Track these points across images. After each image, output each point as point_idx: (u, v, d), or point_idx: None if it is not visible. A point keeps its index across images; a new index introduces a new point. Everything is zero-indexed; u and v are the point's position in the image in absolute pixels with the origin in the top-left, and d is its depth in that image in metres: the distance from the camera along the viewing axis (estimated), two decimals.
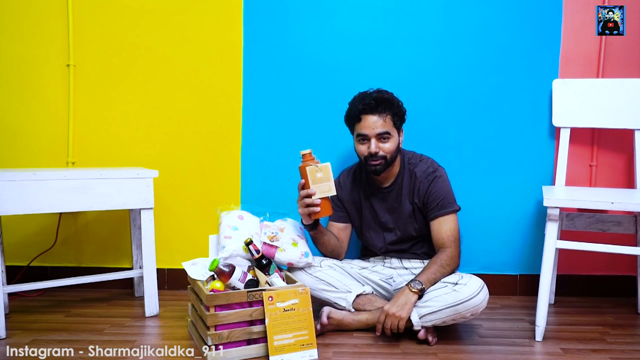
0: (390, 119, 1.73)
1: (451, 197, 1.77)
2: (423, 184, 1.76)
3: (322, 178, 1.66)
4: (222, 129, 2.16)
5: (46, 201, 1.70)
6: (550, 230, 1.63)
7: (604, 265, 2.15)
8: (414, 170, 1.80)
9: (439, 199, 1.74)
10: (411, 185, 1.80)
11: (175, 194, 2.17)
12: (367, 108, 1.71)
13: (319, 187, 1.66)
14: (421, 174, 1.78)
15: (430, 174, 1.76)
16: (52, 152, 2.15)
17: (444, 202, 1.74)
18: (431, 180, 1.76)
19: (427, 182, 1.76)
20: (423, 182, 1.77)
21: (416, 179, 1.78)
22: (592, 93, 1.99)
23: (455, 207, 1.76)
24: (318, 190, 1.66)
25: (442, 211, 1.74)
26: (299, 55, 2.12)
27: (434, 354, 1.56)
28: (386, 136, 1.72)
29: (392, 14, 2.09)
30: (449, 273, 1.67)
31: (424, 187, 1.76)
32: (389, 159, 1.74)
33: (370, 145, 1.71)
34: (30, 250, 2.15)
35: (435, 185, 1.75)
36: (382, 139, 1.72)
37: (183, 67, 2.14)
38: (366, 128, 1.72)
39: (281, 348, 1.47)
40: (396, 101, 1.76)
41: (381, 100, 1.72)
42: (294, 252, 1.74)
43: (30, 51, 2.13)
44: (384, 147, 1.72)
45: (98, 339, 1.64)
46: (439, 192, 1.74)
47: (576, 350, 1.60)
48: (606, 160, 2.11)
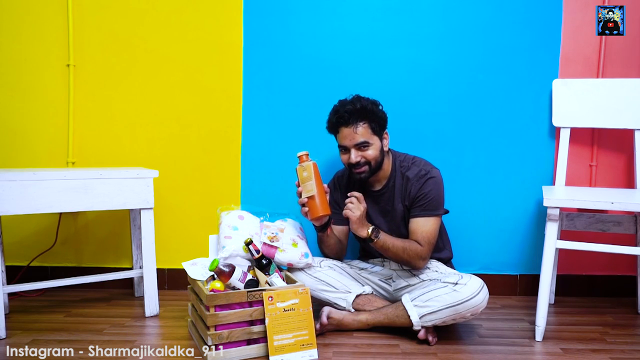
0: (367, 127, 1.71)
1: (439, 200, 1.74)
2: (414, 186, 1.74)
3: (307, 177, 1.67)
4: (222, 129, 2.16)
5: (46, 201, 1.70)
6: (550, 230, 1.63)
7: (604, 265, 2.15)
8: (406, 173, 1.78)
9: (426, 200, 1.72)
10: (403, 187, 1.78)
11: (175, 194, 2.17)
12: (341, 121, 1.72)
13: (304, 186, 1.67)
14: (413, 177, 1.76)
15: (423, 176, 1.75)
16: (52, 152, 2.15)
17: (430, 204, 1.72)
18: (423, 182, 1.74)
19: (418, 184, 1.74)
20: (414, 184, 1.75)
21: (408, 181, 1.76)
22: (592, 93, 1.99)
23: (440, 212, 1.74)
24: (304, 189, 1.67)
25: (425, 212, 1.72)
26: (299, 55, 2.12)
27: (434, 354, 1.56)
28: (365, 145, 1.71)
29: (392, 14, 2.09)
30: (404, 260, 1.70)
31: (415, 189, 1.74)
32: (374, 165, 1.73)
33: (351, 156, 1.72)
34: (30, 250, 2.15)
35: (426, 187, 1.73)
36: (362, 147, 1.71)
37: (183, 67, 2.14)
38: (344, 139, 1.73)
39: (281, 348, 1.47)
40: (371, 108, 1.72)
41: (353, 111, 1.70)
42: (293, 253, 1.74)
43: (30, 51, 2.13)
44: (365, 154, 1.72)
45: (98, 339, 1.64)
46: (428, 194, 1.73)
47: (576, 350, 1.60)
48: (606, 160, 2.11)
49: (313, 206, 1.66)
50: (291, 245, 1.75)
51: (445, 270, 1.79)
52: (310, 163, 1.68)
